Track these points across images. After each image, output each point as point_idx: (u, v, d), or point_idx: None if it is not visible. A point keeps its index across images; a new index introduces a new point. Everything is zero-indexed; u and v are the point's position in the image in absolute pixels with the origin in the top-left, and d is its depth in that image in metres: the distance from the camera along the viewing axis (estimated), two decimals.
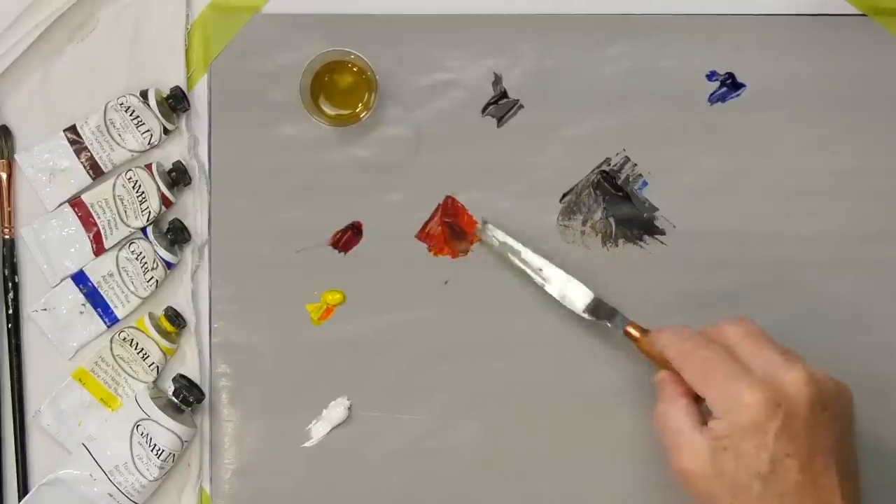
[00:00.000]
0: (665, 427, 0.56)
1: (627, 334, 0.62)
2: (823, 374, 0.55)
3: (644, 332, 0.61)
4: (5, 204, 0.68)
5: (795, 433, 0.52)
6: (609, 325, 0.63)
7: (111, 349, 0.66)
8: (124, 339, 0.66)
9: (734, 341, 0.56)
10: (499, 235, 0.66)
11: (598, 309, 0.64)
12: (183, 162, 0.67)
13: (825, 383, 0.54)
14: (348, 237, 0.68)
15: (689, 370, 0.56)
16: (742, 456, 0.52)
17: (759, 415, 0.52)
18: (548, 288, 0.65)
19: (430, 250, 0.67)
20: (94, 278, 0.66)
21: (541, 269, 0.65)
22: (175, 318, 0.66)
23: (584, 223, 0.67)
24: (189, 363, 0.67)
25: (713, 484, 0.53)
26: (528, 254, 0.65)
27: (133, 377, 0.66)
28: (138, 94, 0.66)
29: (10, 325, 0.67)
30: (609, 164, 0.67)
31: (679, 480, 0.55)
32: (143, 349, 0.66)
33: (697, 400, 0.56)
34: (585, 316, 0.64)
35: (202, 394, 0.66)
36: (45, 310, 0.67)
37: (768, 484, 0.52)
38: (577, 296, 0.64)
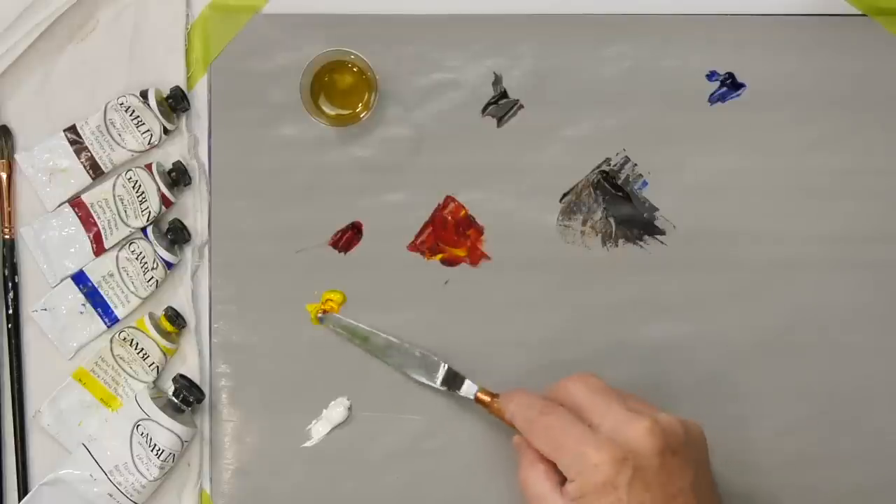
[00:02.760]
0: (527, 492, 0.57)
1: (478, 401, 0.63)
2: (669, 420, 0.55)
3: (494, 396, 0.62)
4: (5, 204, 0.68)
5: (648, 483, 0.53)
6: (460, 393, 0.64)
7: (111, 349, 0.66)
8: (124, 339, 0.66)
9: (578, 400, 0.57)
10: (341, 322, 0.66)
11: (449, 378, 0.65)
12: (183, 162, 0.67)
13: (671, 428, 0.55)
14: (348, 237, 0.68)
15: (536, 439, 0.57)
16: None
17: (608, 472, 0.53)
18: (405, 370, 0.66)
19: (424, 256, 0.67)
20: (94, 278, 0.66)
21: (388, 347, 0.66)
22: (175, 318, 0.66)
23: (584, 223, 0.67)
24: (189, 363, 0.67)
25: None
26: (376, 338, 0.66)
27: (133, 377, 0.66)
28: (138, 94, 0.66)
29: (10, 325, 0.67)
30: (609, 164, 0.67)
31: None
32: (143, 349, 0.66)
33: (554, 464, 0.56)
34: (437, 386, 0.65)
35: (202, 394, 0.66)
36: (45, 310, 0.67)
37: None
38: (428, 367, 0.65)
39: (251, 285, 0.67)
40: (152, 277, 0.66)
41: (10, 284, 0.67)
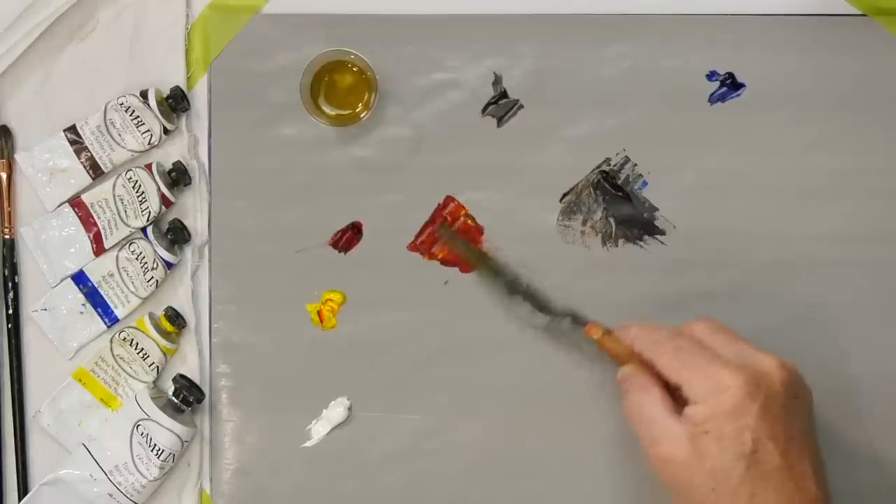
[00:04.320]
0: (640, 417, 0.56)
1: (588, 334, 0.61)
2: (792, 365, 0.55)
3: (607, 330, 0.61)
4: (5, 204, 0.68)
5: (775, 416, 0.53)
6: (569, 325, 0.63)
7: (111, 349, 0.66)
8: (124, 339, 0.66)
9: (703, 336, 0.56)
10: (455, 243, 0.66)
11: (556, 313, 0.64)
12: (183, 162, 0.67)
13: (795, 372, 0.55)
14: (348, 237, 0.68)
15: (663, 359, 0.56)
16: (724, 439, 0.52)
17: (740, 396, 0.52)
18: (510, 299, 0.65)
19: (423, 256, 0.67)
20: (94, 278, 0.66)
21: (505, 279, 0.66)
22: (175, 318, 0.66)
23: (584, 223, 0.67)
24: (189, 363, 0.67)
25: (693, 471, 0.53)
26: (504, 269, 0.66)
27: (133, 377, 0.66)
28: (138, 94, 0.66)
29: (10, 325, 0.67)
30: (609, 164, 0.67)
31: (656, 470, 0.55)
32: (143, 349, 0.66)
33: (668, 391, 0.56)
34: (539, 319, 0.64)
35: (202, 394, 0.66)
36: (45, 310, 0.67)
37: (750, 466, 0.52)
38: (539, 303, 0.65)
39: (251, 285, 0.67)
40: (152, 277, 0.66)
41: (10, 284, 0.67)
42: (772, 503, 0.52)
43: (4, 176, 0.68)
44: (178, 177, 0.67)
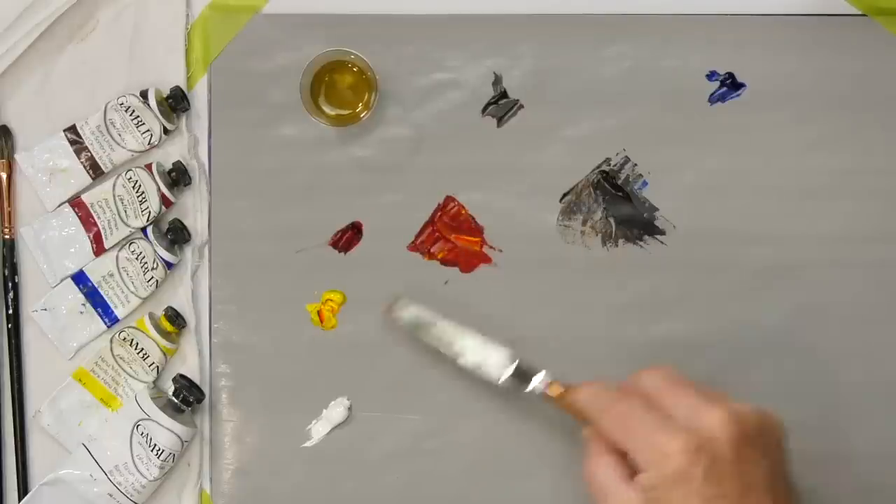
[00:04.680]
0: (593, 483, 0.55)
1: (546, 396, 0.61)
2: (747, 411, 0.53)
3: (563, 391, 0.60)
4: (5, 204, 0.68)
5: (722, 474, 0.52)
6: (528, 388, 0.61)
7: (111, 349, 0.66)
8: (124, 339, 0.66)
9: (651, 388, 0.55)
10: (411, 310, 0.65)
11: (519, 372, 0.62)
12: (183, 162, 0.67)
13: (748, 419, 0.53)
14: (348, 237, 0.68)
15: (608, 426, 0.55)
16: None
17: (682, 462, 0.51)
18: (461, 361, 0.63)
19: (423, 256, 0.67)
20: (94, 278, 0.66)
21: (451, 344, 0.64)
22: (175, 318, 0.66)
23: (584, 223, 0.67)
24: (189, 363, 0.67)
25: None
26: (441, 325, 0.64)
27: (133, 377, 0.66)
28: (138, 94, 0.66)
29: (10, 325, 0.67)
30: (609, 164, 0.67)
31: None
32: (143, 349, 0.66)
33: (624, 455, 0.55)
34: (501, 383, 0.62)
35: (202, 394, 0.66)
36: (45, 310, 0.67)
37: None
38: (496, 362, 0.63)
39: (251, 285, 0.67)
40: (152, 277, 0.66)
41: (10, 284, 0.67)
42: None
43: (4, 176, 0.68)
44: (178, 177, 0.67)
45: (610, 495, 0.54)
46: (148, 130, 0.66)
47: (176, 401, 0.65)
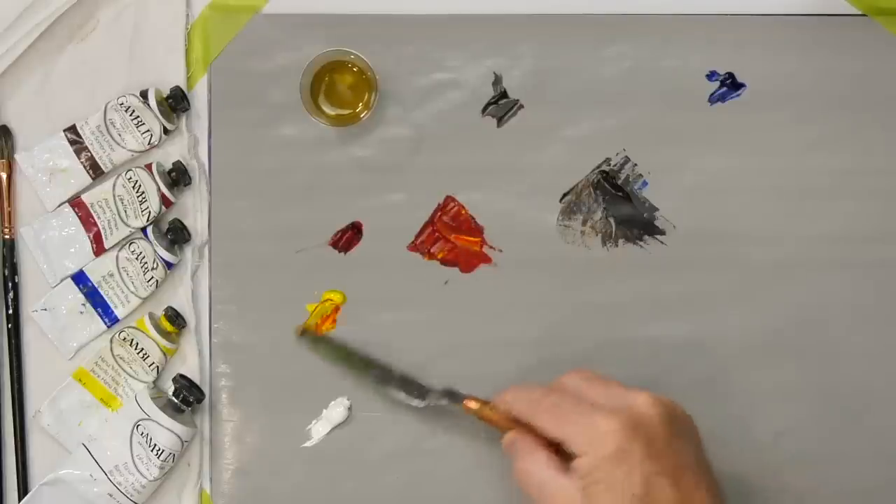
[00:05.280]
0: (529, 482, 0.55)
1: (467, 408, 0.61)
2: (667, 399, 0.55)
3: (483, 402, 0.60)
4: (5, 204, 0.68)
5: (658, 452, 0.52)
6: (446, 403, 0.63)
7: (111, 349, 0.66)
8: (124, 339, 0.66)
9: (575, 388, 0.56)
10: (321, 345, 0.66)
11: (432, 394, 0.64)
12: (183, 162, 0.67)
13: (671, 405, 0.55)
14: (348, 237, 0.68)
15: (541, 417, 0.55)
16: (614, 484, 0.52)
17: (621, 440, 0.52)
18: (383, 389, 0.65)
19: (423, 256, 0.67)
20: (94, 278, 0.66)
21: (372, 369, 0.65)
22: (175, 318, 0.66)
23: (584, 223, 0.67)
24: (189, 363, 0.67)
25: None
26: (355, 357, 0.66)
27: (133, 377, 0.66)
28: (138, 94, 0.66)
29: (10, 325, 0.67)
30: (609, 164, 0.67)
31: None
32: (143, 349, 0.66)
33: (555, 451, 0.55)
34: (417, 404, 0.64)
35: (202, 394, 0.66)
36: (45, 310, 0.67)
37: None
38: (412, 388, 0.64)
39: (251, 285, 0.67)
40: (152, 277, 0.66)
41: (10, 284, 0.67)
42: None
43: (4, 176, 0.68)
44: (178, 177, 0.67)
45: (550, 488, 0.54)
46: (148, 130, 0.66)
47: (176, 401, 0.65)
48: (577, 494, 0.53)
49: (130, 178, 0.66)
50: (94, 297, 0.66)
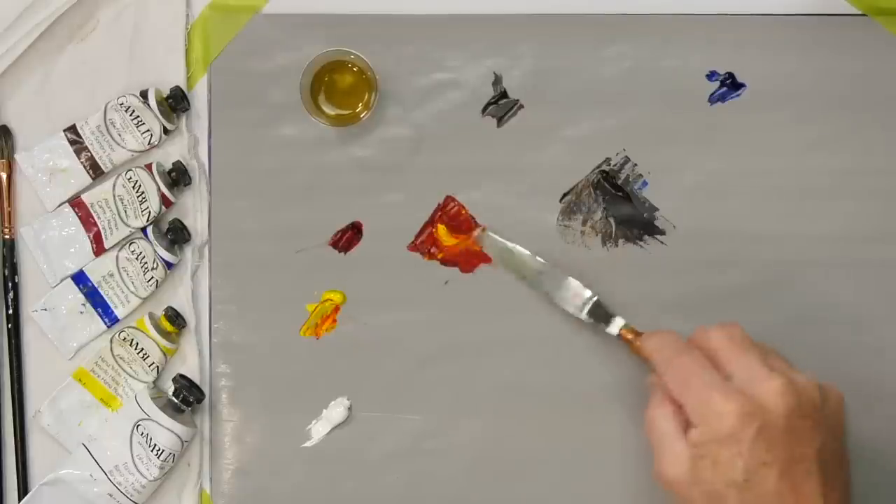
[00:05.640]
0: (651, 431, 0.56)
1: (622, 337, 0.63)
2: (806, 382, 0.54)
3: (638, 335, 0.62)
4: (5, 204, 0.68)
5: (772, 442, 0.52)
6: (605, 327, 0.63)
7: (111, 349, 0.66)
8: (124, 339, 0.66)
9: (717, 347, 0.56)
10: (497, 243, 0.66)
11: (597, 311, 0.64)
12: (183, 162, 0.67)
13: (806, 391, 0.54)
14: (348, 237, 0.68)
15: (668, 377, 0.56)
16: (718, 465, 0.52)
17: (732, 423, 0.52)
18: (547, 292, 0.65)
19: (423, 256, 0.67)
20: (94, 278, 0.66)
21: (540, 273, 0.65)
22: (175, 318, 0.66)
23: (584, 223, 0.67)
24: (189, 363, 0.67)
25: (691, 491, 0.53)
26: (527, 258, 0.66)
27: (133, 377, 0.66)
28: (138, 94, 0.66)
29: (10, 325, 0.67)
30: (609, 164, 0.67)
31: (660, 485, 0.55)
32: (143, 349, 0.66)
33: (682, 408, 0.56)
34: (583, 317, 0.64)
35: (202, 394, 0.66)
36: (45, 310, 0.67)
37: (743, 493, 0.52)
38: (577, 297, 0.65)
39: (251, 285, 0.67)
40: (152, 277, 0.66)
41: (10, 284, 0.67)
42: None
43: (4, 176, 0.68)
44: (178, 177, 0.67)
45: (664, 445, 0.55)
46: (148, 130, 0.66)
47: (176, 401, 0.65)
48: (686, 461, 0.53)
49: (130, 178, 0.66)
50: (94, 297, 0.66)
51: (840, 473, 0.55)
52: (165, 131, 0.67)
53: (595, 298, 0.64)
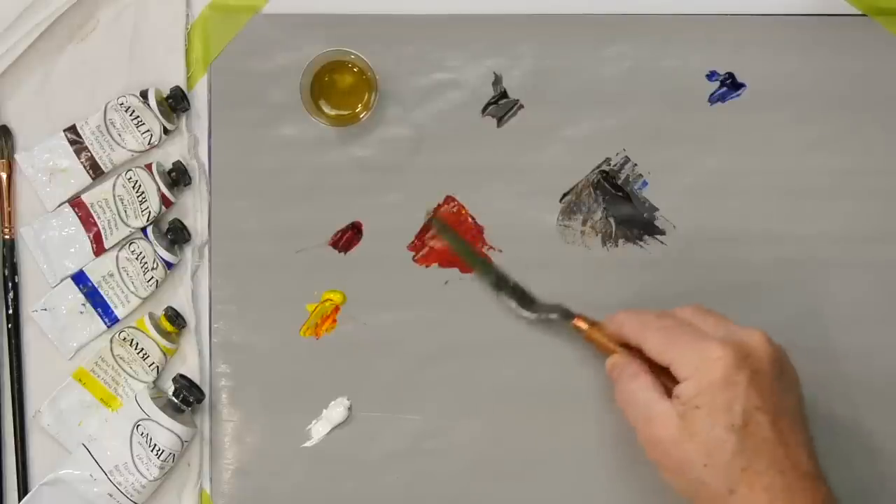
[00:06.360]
0: (631, 403, 0.56)
1: (576, 327, 0.63)
2: (778, 344, 0.56)
3: (593, 323, 0.62)
4: (5, 204, 0.68)
5: (763, 388, 0.53)
6: (556, 318, 0.64)
7: (111, 349, 0.66)
8: (124, 339, 0.66)
9: (689, 317, 0.57)
10: (447, 235, 0.67)
11: (542, 307, 0.65)
12: (183, 162, 0.67)
13: (781, 350, 0.56)
14: (348, 237, 0.68)
15: (650, 340, 0.56)
16: (715, 411, 0.53)
17: (728, 367, 0.53)
18: (497, 294, 0.66)
19: (415, 261, 0.67)
20: (94, 278, 0.66)
21: (488, 272, 0.66)
22: (175, 318, 0.66)
23: (584, 223, 0.67)
24: (189, 363, 0.67)
25: (686, 448, 0.53)
26: (474, 258, 0.66)
27: (133, 377, 0.66)
28: (138, 94, 0.66)
29: (10, 325, 0.67)
30: (609, 164, 0.67)
31: (650, 454, 0.56)
32: (143, 349, 0.66)
33: (658, 375, 0.56)
34: (527, 315, 0.65)
35: (202, 394, 0.66)
36: (45, 310, 0.67)
37: (742, 437, 0.52)
38: (525, 299, 0.66)
39: (251, 285, 0.67)
40: (152, 277, 0.66)
41: (10, 284, 0.67)
42: (764, 476, 0.52)
43: (4, 176, 0.68)
44: (178, 177, 0.67)
45: (651, 410, 0.55)
46: (148, 130, 0.66)
47: (176, 401, 0.65)
48: (675, 418, 0.54)
49: (130, 178, 0.66)
50: (94, 297, 0.66)
51: (809, 432, 0.56)
52: (165, 131, 0.67)
53: (538, 301, 0.65)
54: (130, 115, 0.66)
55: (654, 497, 0.65)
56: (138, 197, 0.66)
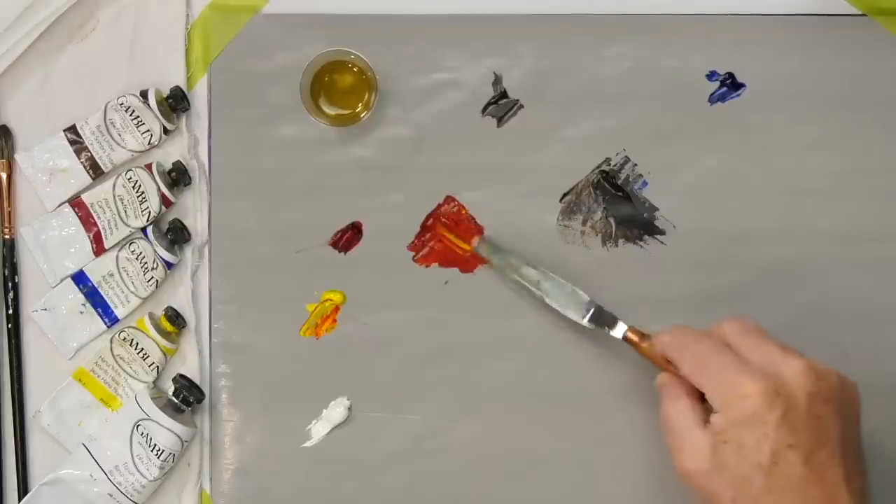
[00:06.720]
0: (668, 428, 0.55)
1: (627, 340, 0.61)
2: (826, 368, 0.54)
3: (644, 336, 0.61)
4: (5, 204, 0.68)
5: (797, 424, 0.51)
6: (609, 331, 0.63)
7: (111, 349, 0.66)
8: (124, 339, 0.66)
9: (731, 337, 0.55)
10: (496, 251, 0.66)
11: (599, 316, 0.63)
12: (183, 162, 0.67)
13: (827, 376, 0.53)
14: (348, 237, 0.68)
15: (685, 363, 0.55)
16: (743, 448, 0.51)
17: (758, 405, 0.51)
18: (548, 300, 0.64)
19: (415, 261, 0.67)
20: (94, 278, 0.66)
21: (538, 282, 0.65)
22: (175, 318, 0.66)
23: (584, 223, 0.67)
24: (189, 363, 0.67)
25: (714, 480, 0.52)
26: (526, 268, 0.65)
27: (133, 377, 0.66)
28: (138, 94, 0.66)
29: (10, 325, 0.67)
30: (609, 164, 0.67)
31: (684, 482, 0.54)
32: (143, 349, 0.66)
33: (701, 399, 0.55)
34: (586, 324, 0.64)
35: (202, 394, 0.66)
36: (45, 310, 0.67)
37: (770, 476, 0.51)
38: (578, 304, 0.64)
39: (251, 285, 0.67)
40: (152, 277, 0.66)
41: (10, 284, 0.67)
42: None
43: (4, 176, 0.68)
44: (178, 177, 0.67)
45: (683, 438, 0.54)
46: (148, 130, 0.66)
47: (176, 401, 0.65)
48: (707, 450, 0.52)
49: (130, 178, 0.66)
50: (94, 297, 0.66)
51: (858, 462, 0.54)
52: (165, 131, 0.67)
53: (595, 305, 0.64)
54: (130, 115, 0.66)
55: (654, 497, 0.65)
56: (138, 197, 0.66)
